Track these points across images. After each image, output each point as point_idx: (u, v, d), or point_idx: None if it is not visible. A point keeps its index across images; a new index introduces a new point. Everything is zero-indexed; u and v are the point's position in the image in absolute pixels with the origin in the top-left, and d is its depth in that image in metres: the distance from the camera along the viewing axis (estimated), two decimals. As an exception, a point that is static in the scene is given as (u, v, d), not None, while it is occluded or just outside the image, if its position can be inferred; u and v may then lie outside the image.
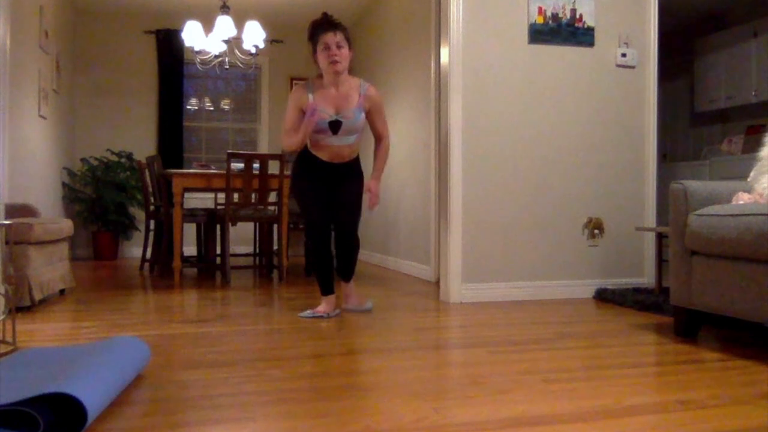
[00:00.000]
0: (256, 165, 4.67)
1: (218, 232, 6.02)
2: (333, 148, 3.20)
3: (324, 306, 3.27)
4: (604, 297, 3.79)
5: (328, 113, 3.15)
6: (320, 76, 3.22)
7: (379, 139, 3.35)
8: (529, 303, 3.72)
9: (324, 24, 3.12)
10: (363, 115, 3.21)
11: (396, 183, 5.71)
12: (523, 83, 3.89)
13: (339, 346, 2.52)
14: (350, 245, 3.35)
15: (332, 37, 3.09)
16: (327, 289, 3.29)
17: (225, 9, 5.53)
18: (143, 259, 5.55)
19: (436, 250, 4.72)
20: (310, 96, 3.18)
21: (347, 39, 3.15)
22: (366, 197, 3.37)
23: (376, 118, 3.29)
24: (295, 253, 7.44)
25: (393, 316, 3.25)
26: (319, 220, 3.25)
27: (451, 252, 3.76)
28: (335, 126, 3.15)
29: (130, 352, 1.97)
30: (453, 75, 3.77)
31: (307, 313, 3.25)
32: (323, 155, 3.23)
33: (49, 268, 3.66)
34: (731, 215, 2.44)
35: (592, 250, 4.00)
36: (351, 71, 3.29)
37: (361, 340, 2.67)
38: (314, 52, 3.16)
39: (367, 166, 3.57)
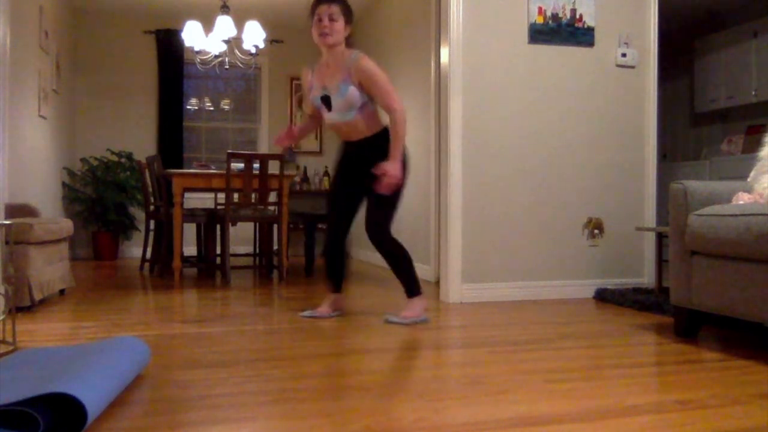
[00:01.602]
0: (256, 165, 4.67)
1: (218, 232, 6.02)
2: (337, 126, 3.13)
3: (323, 306, 3.26)
4: (604, 297, 3.79)
5: (319, 89, 3.13)
6: None
7: (387, 112, 3.03)
8: (529, 303, 3.71)
9: None
10: (351, 88, 3.00)
11: (396, 183, 5.70)
12: (523, 83, 3.89)
13: (339, 346, 2.52)
14: (382, 251, 3.11)
15: (325, 9, 3.01)
16: (330, 286, 3.26)
17: (225, 9, 5.53)
18: (143, 259, 5.55)
19: (436, 250, 4.72)
20: (311, 74, 3.20)
21: (344, 12, 3.04)
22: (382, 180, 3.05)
23: (373, 91, 3.03)
24: (295, 253, 7.44)
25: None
26: (331, 211, 3.19)
27: (451, 252, 3.75)
28: (327, 101, 3.10)
29: (130, 352, 1.97)
30: (453, 75, 3.77)
31: (307, 313, 3.24)
32: (338, 135, 3.20)
33: (49, 268, 3.66)
34: (731, 215, 2.44)
35: (592, 250, 3.99)
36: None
37: (361, 340, 2.67)
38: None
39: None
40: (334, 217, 3.20)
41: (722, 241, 2.45)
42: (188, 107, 7.34)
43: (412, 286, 3.15)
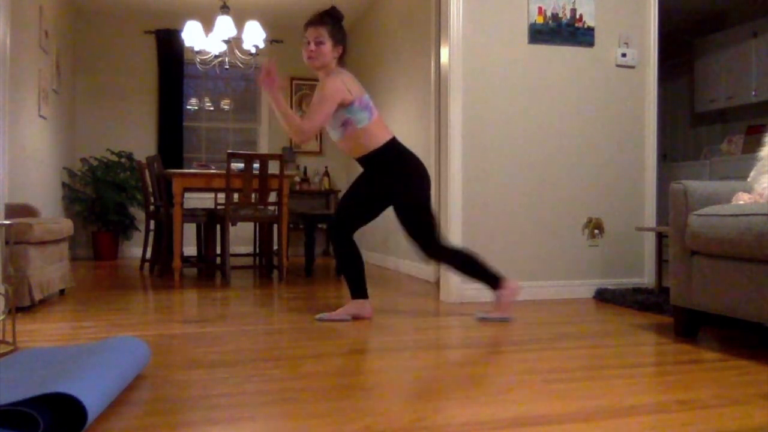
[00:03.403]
0: (256, 165, 4.67)
1: (218, 232, 6.02)
2: (337, 143, 3.19)
3: (344, 308, 3.15)
4: (604, 297, 3.79)
5: None
6: None
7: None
8: (529, 303, 3.71)
9: (310, 19, 3.09)
10: None
11: (396, 183, 5.70)
12: (523, 83, 3.89)
13: (339, 346, 2.52)
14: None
15: (312, 32, 3.05)
16: (352, 292, 3.17)
17: (225, 9, 5.53)
18: (143, 259, 5.55)
19: (436, 250, 4.72)
20: None
21: (332, 34, 3.05)
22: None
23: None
24: (295, 253, 7.44)
25: (393, 316, 3.25)
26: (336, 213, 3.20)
27: (451, 252, 3.75)
28: None
29: (130, 352, 1.97)
30: (453, 75, 3.77)
31: (323, 315, 3.15)
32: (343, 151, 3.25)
33: (49, 268, 3.66)
34: (731, 215, 2.44)
35: (592, 250, 3.99)
36: (351, 69, 3.25)
37: (361, 340, 2.67)
38: None
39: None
40: (335, 221, 3.15)
41: (722, 241, 2.45)
42: (188, 107, 7.35)
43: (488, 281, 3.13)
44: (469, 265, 3.11)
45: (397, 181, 3.08)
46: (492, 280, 3.12)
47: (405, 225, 3.12)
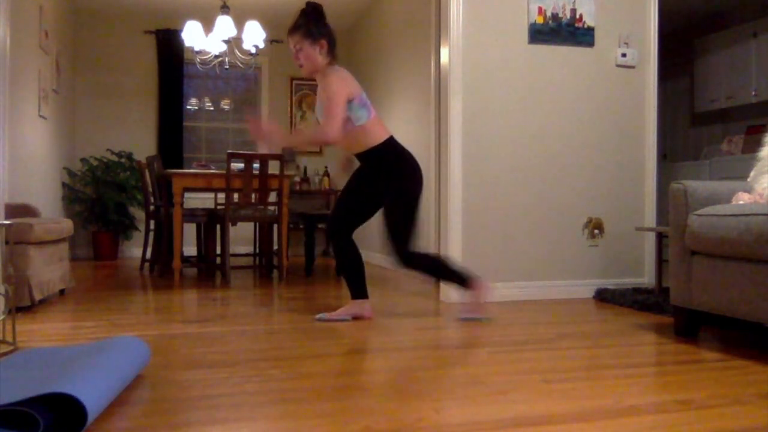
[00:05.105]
0: (256, 165, 4.67)
1: (218, 232, 6.02)
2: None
3: (344, 308, 3.16)
4: (604, 297, 3.79)
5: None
6: None
7: (320, 126, 2.99)
8: (529, 303, 3.71)
9: (288, 29, 3.13)
10: (323, 106, 3.04)
11: (396, 183, 5.70)
12: (523, 83, 3.89)
13: (339, 346, 2.52)
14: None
15: (290, 42, 3.10)
16: (352, 292, 3.18)
17: (225, 9, 5.53)
18: (143, 259, 5.55)
19: (436, 250, 4.72)
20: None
21: (306, 35, 3.04)
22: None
23: (324, 103, 2.99)
24: (295, 253, 7.44)
25: (393, 316, 3.25)
26: (331, 213, 3.20)
27: (451, 252, 3.75)
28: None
29: (130, 352, 1.97)
30: (453, 75, 3.77)
31: (322, 315, 3.16)
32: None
33: (49, 268, 3.66)
34: (731, 215, 2.44)
35: (592, 250, 3.99)
36: (352, 69, 3.25)
37: (361, 340, 2.67)
38: None
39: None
40: (331, 221, 3.17)
41: (722, 241, 2.45)
42: (188, 107, 7.35)
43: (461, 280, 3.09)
44: (440, 268, 3.08)
45: (393, 178, 3.07)
46: (464, 280, 3.10)
47: (388, 223, 3.07)
